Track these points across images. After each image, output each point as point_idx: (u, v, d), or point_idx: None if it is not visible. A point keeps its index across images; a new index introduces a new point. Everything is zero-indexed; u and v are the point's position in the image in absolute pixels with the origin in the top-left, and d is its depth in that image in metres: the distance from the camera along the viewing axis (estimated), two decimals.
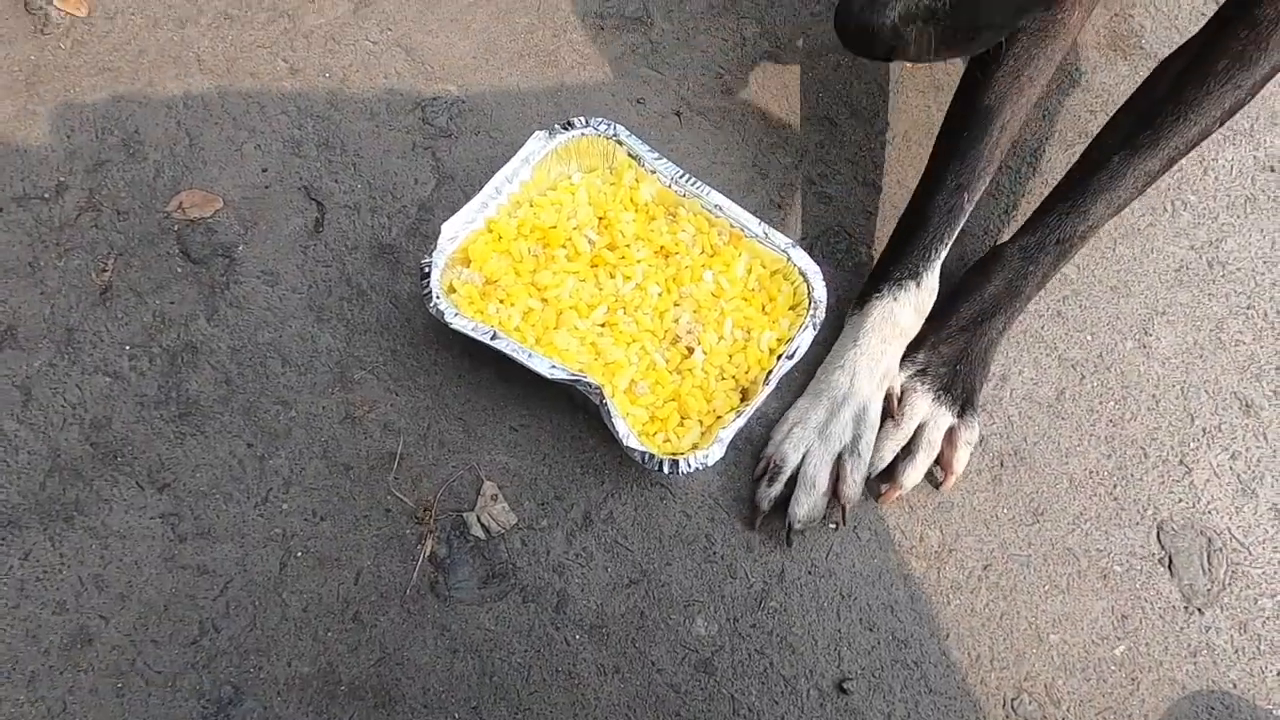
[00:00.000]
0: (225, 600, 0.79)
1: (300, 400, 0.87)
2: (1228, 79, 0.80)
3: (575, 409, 0.87)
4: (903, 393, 0.84)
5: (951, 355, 0.85)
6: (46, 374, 0.86)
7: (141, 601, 0.78)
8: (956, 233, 0.87)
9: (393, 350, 0.90)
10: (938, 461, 0.85)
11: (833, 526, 0.85)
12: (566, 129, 0.88)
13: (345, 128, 1.01)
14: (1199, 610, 0.84)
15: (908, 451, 0.83)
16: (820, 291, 0.84)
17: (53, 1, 1.04)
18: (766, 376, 0.80)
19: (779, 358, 0.81)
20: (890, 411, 0.83)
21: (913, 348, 0.87)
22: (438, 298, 0.80)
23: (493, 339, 0.79)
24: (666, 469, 0.75)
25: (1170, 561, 0.86)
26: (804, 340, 0.82)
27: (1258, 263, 1.02)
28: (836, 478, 0.81)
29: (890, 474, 0.84)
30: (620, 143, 0.89)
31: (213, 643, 0.77)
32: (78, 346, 0.87)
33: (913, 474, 0.83)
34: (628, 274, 0.84)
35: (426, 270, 0.81)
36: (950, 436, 0.83)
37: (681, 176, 0.88)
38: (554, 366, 0.77)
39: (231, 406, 0.86)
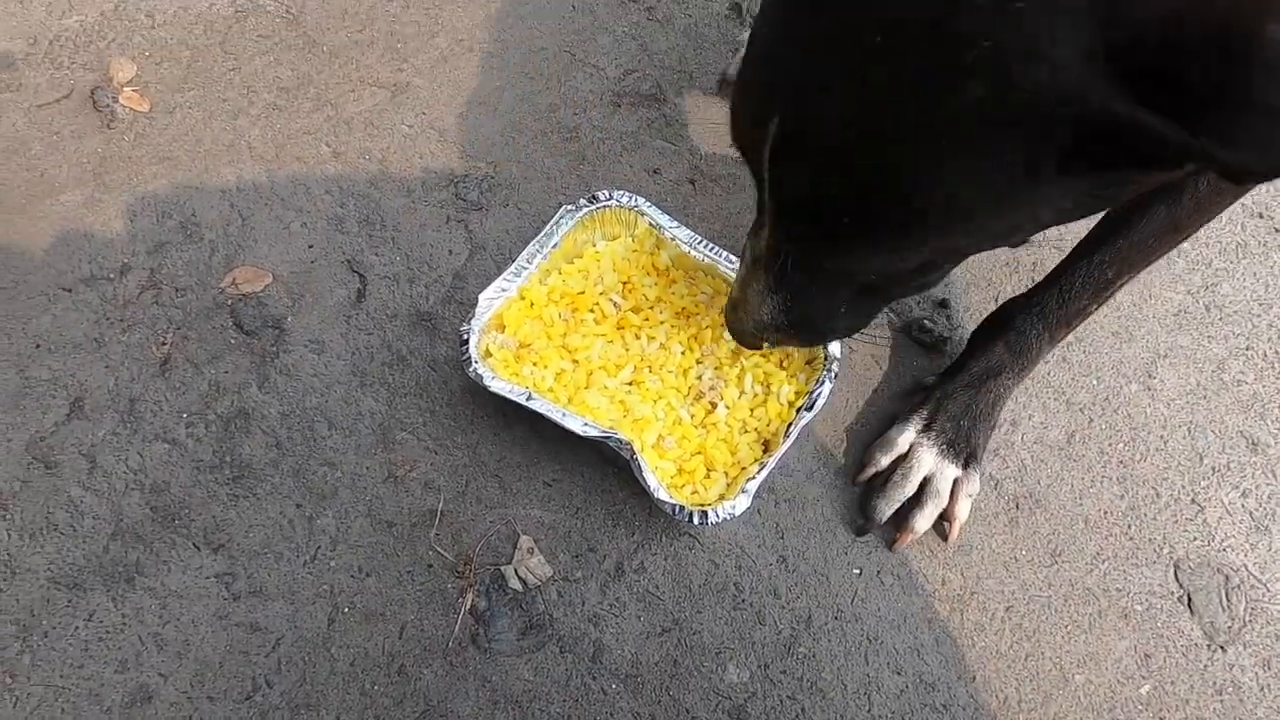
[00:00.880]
0: (277, 656, 0.82)
1: (345, 461, 0.92)
2: None
3: (604, 463, 0.91)
4: (910, 448, 0.88)
5: (957, 411, 0.89)
6: (110, 442, 0.92)
7: (198, 659, 0.82)
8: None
9: (431, 411, 0.95)
10: (943, 512, 0.88)
11: (856, 572, 0.88)
12: (592, 202, 0.95)
13: (384, 204, 1.08)
14: (1221, 648, 0.86)
15: (917, 501, 0.87)
16: (835, 347, 0.89)
17: (118, 99, 1.14)
18: (787, 429, 0.84)
19: (798, 410, 0.85)
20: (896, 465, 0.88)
21: (920, 402, 0.91)
22: (476, 362, 0.85)
23: (528, 400, 0.84)
24: (696, 520, 0.79)
25: (1190, 600, 0.88)
26: (822, 393, 0.86)
27: (1253, 305, 1.07)
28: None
29: (902, 521, 0.87)
30: (642, 213, 0.95)
31: (265, 698, 0.81)
32: (139, 416, 0.93)
33: (922, 521, 0.87)
34: (651, 335, 0.90)
35: (465, 337, 0.87)
36: (954, 487, 0.87)
37: (699, 241, 0.94)
38: (586, 424, 0.82)
39: (281, 469, 0.91)
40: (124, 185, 1.08)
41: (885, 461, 0.89)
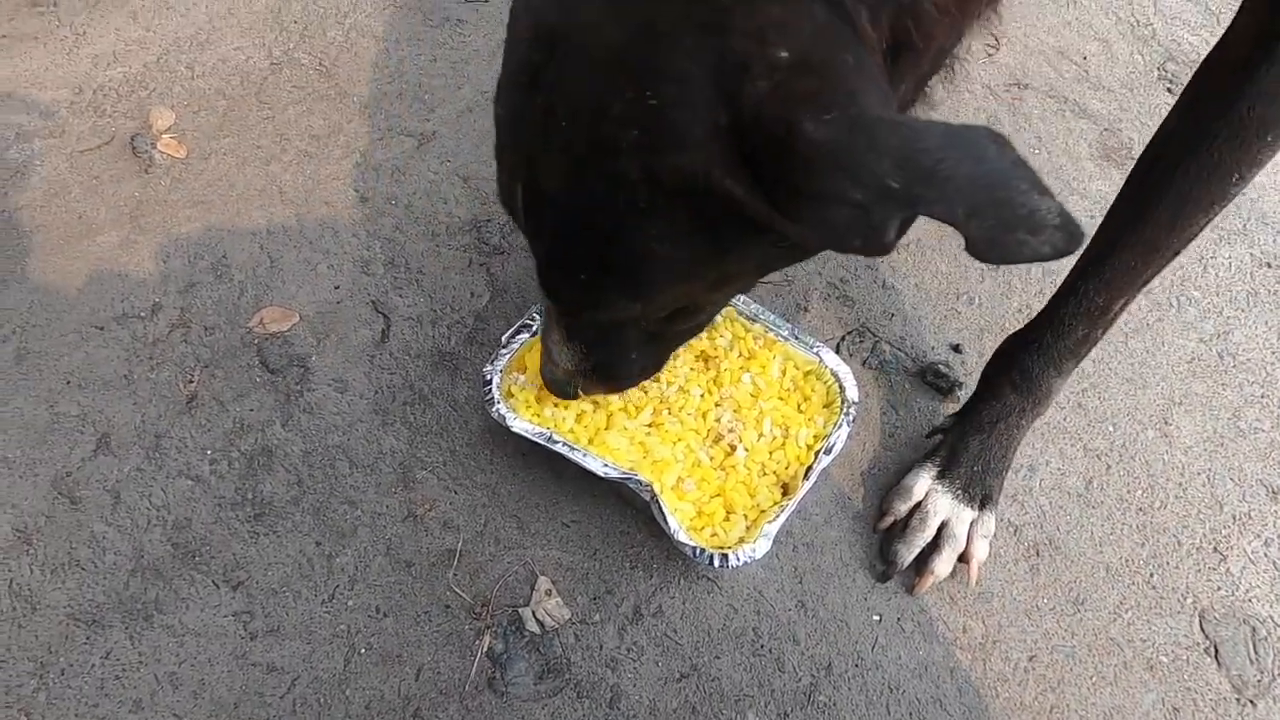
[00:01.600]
0: (292, 698, 0.82)
1: (366, 500, 0.92)
2: (1210, 169, 0.73)
3: (622, 505, 0.91)
4: (926, 494, 0.88)
5: (970, 456, 0.89)
6: (135, 478, 0.93)
7: (213, 700, 0.81)
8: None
9: (452, 450, 0.96)
10: (961, 554, 0.88)
11: (876, 618, 0.87)
12: None
13: (409, 248, 1.11)
14: (1251, 702, 0.84)
15: (935, 545, 0.87)
16: (852, 391, 0.90)
17: (156, 146, 1.19)
18: (806, 472, 0.85)
19: (817, 454, 0.86)
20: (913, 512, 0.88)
21: (934, 448, 0.92)
22: (499, 403, 0.87)
23: (549, 441, 0.85)
24: (716, 563, 0.79)
25: (1216, 651, 0.87)
26: (840, 437, 0.87)
27: (1266, 353, 1.08)
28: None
29: (922, 566, 0.87)
30: None
31: None
32: (164, 452, 0.95)
33: (942, 565, 0.87)
34: (670, 378, 0.91)
35: (488, 378, 0.88)
36: (970, 529, 0.87)
37: None
38: (607, 466, 0.83)
39: (302, 506, 0.92)
40: (159, 227, 1.11)
41: (903, 510, 0.89)
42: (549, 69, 0.49)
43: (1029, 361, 0.87)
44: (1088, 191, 1.23)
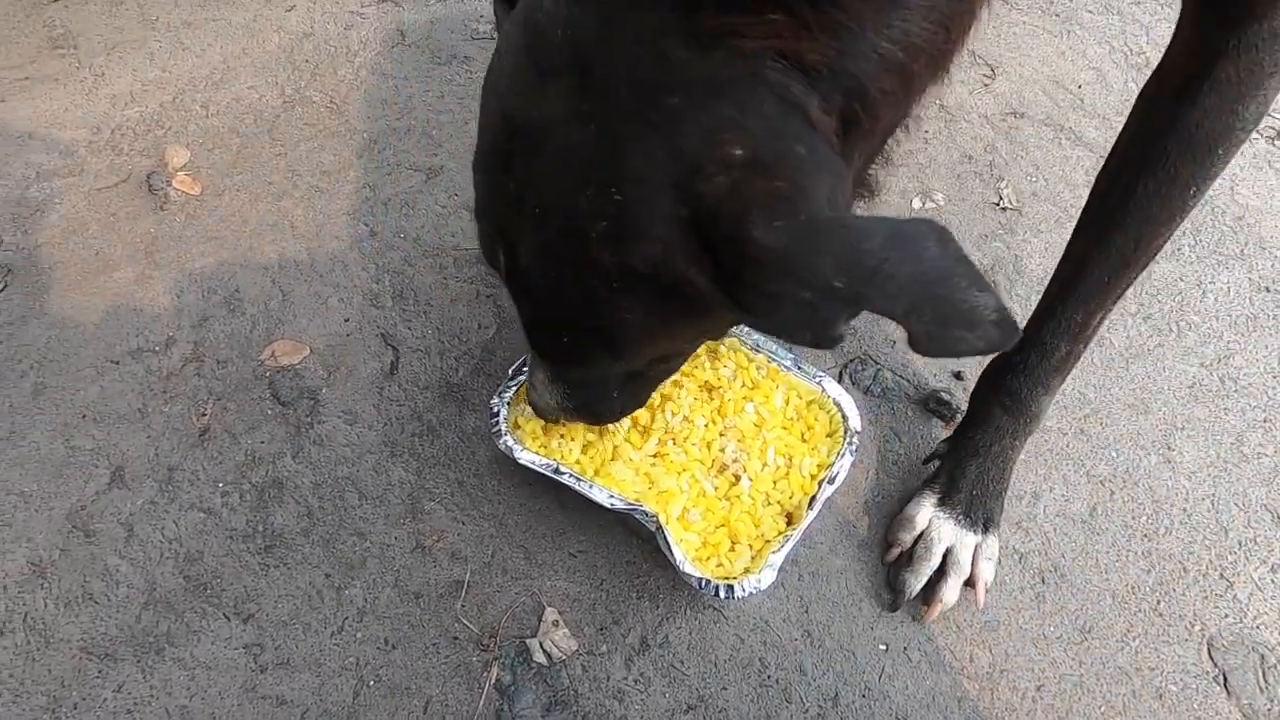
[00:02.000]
0: None
1: (374, 531, 0.93)
2: (1166, 184, 0.73)
3: (629, 535, 0.92)
4: (929, 522, 0.89)
5: (969, 481, 0.90)
6: (148, 511, 0.94)
7: None
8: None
9: (460, 481, 0.97)
10: (967, 578, 0.88)
11: (883, 648, 0.87)
12: None
13: (417, 280, 1.14)
14: None
15: (941, 573, 0.87)
16: (855, 420, 0.91)
17: (172, 183, 1.22)
18: (810, 501, 0.85)
19: (821, 483, 0.87)
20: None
21: (933, 476, 0.93)
22: (506, 434, 0.88)
23: (556, 472, 0.86)
24: (722, 594, 0.80)
25: (1225, 680, 0.87)
26: (843, 466, 0.88)
27: (1268, 377, 1.08)
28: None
29: (929, 594, 0.87)
30: None
31: None
32: (177, 485, 0.96)
33: (949, 592, 0.87)
34: (675, 408, 0.92)
35: (495, 409, 0.90)
36: (975, 554, 0.88)
37: None
38: (613, 497, 0.84)
39: (312, 538, 0.93)
40: (173, 263, 1.14)
41: (908, 540, 0.89)
42: (519, 158, 0.52)
43: (1016, 384, 0.88)
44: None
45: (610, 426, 0.91)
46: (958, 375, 1.08)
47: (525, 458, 0.87)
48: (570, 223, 0.50)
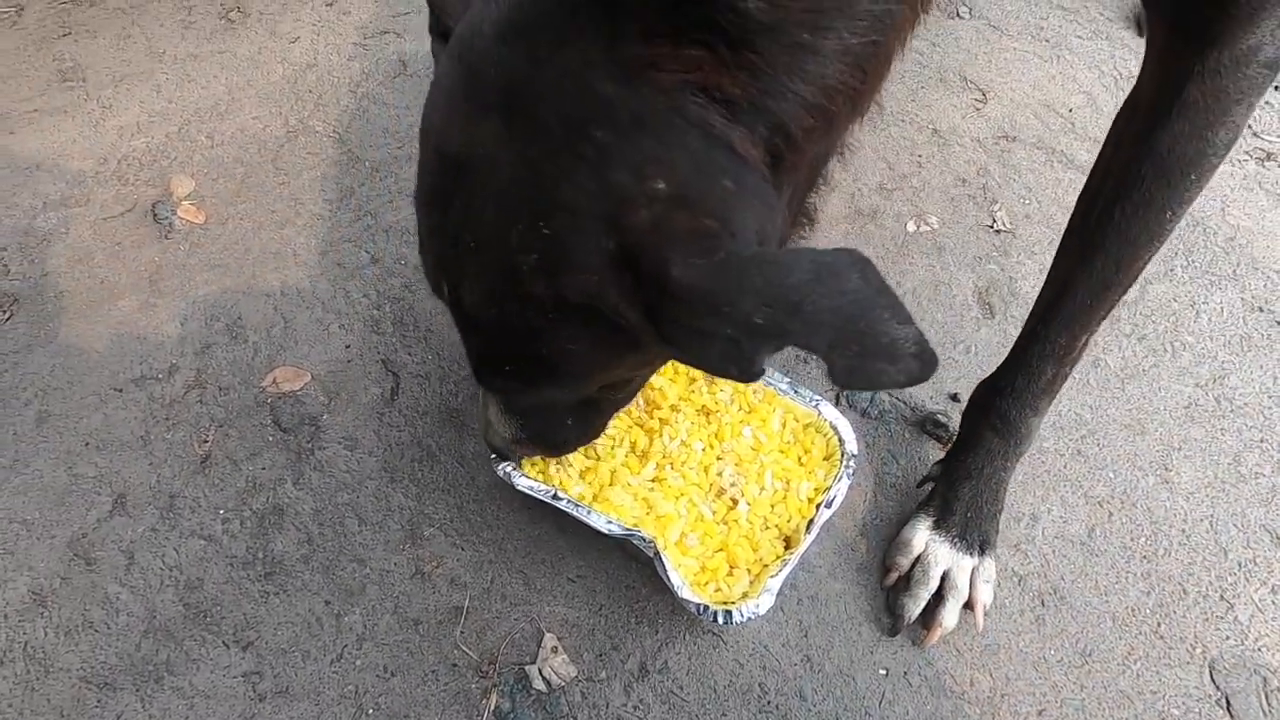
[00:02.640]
0: None
1: (374, 557, 0.94)
2: (1143, 207, 0.73)
3: (628, 559, 0.92)
4: (925, 546, 0.89)
5: (963, 504, 0.90)
6: (149, 539, 0.94)
7: None
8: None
9: (459, 507, 0.97)
10: (966, 601, 0.88)
11: (883, 672, 0.87)
12: None
13: (418, 307, 1.15)
14: None
15: (940, 596, 0.87)
16: (851, 444, 0.91)
17: (176, 212, 1.24)
18: (808, 525, 0.86)
19: (818, 506, 0.87)
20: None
21: (928, 499, 0.93)
22: (504, 460, 0.88)
23: (553, 498, 0.86)
24: (721, 620, 0.80)
25: (1229, 703, 0.86)
26: (840, 489, 0.88)
27: (1263, 397, 1.09)
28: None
29: (928, 618, 0.87)
30: None
31: None
32: (178, 512, 0.96)
33: (949, 616, 0.87)
34: (673, 432, 0.93)
35: None
36: (972, 576, 0.88)
37: None
38: (610, 522, 0.84)
39: (312, 565, 0.93)
40: (177, 291, 1.15)
41: (905, 564, 0.90)
42: (456, 195, 0.52)
43: (1005, 406, 0.89)
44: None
45: (608, 452, 0.92)
46: (954, 397, 1.08)
47: (523, 483, 0.87)
48: (505, 255, 0.51)
